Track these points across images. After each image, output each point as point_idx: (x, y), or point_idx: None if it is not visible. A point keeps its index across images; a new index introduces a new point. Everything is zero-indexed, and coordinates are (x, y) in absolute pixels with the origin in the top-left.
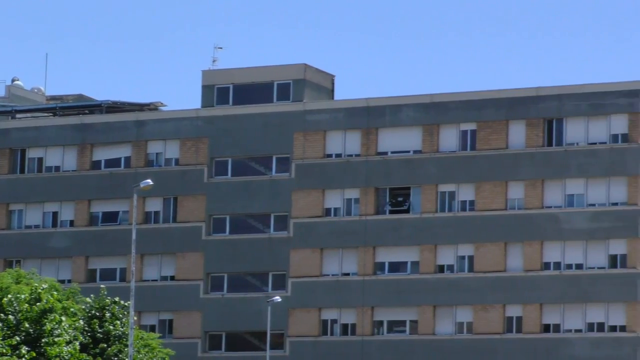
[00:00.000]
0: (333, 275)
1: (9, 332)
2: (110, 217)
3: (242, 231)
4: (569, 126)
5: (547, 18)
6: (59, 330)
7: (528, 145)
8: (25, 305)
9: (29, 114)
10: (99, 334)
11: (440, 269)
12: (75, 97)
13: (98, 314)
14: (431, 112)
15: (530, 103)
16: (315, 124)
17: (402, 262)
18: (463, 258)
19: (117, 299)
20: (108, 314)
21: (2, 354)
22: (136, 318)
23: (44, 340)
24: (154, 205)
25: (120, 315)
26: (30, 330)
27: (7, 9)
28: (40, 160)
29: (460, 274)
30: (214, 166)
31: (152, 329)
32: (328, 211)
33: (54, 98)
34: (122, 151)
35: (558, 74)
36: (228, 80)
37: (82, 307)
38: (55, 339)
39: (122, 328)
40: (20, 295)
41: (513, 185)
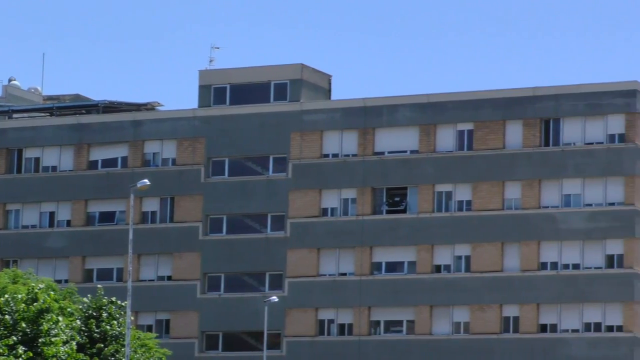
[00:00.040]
0: (330, 275)
1: (6, 332)
2: (107, 217)
3: (239, 231)
4: (566, 126)
5: (544, 18)
6: (56, 330)
7: (525, 145)
8: (22, 305)
9: (25, 114)
10: (96, 334)
11: (437, 269)
12: (72, 97)
13: (95, 314)
14: (428, 112)
15: (527, 103)
16: (312, 124)
17: (399, 262)
18: (460, 258)
19: (114, 299)
20: (105, 314)
21: None
22: (133, 318)
23: (41, 340)
24: (151, 205)
25: (117, 315)
26: (27, 330)
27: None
28: (37, 160)
29: (457, 274)
30: (211, 166)
31: (149, 329)
32: (325, 211)
33: (50, 98)
34: (119, 151)
35: (555, 74)
36: (225, 80)
37: (79, 307)
38: (52, 339)
39: (119, 328)
40: (17, 295)
41: (510, 185)
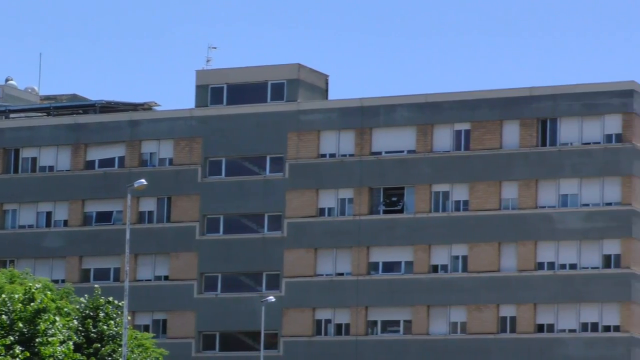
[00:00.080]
0: (327, 275)
1: (3, 332)
2: (104, 217)
3: (236, 231)
4: (562, 126)
5: (541, 18)
6: (53, 330)
7: (522, 145)
8: (19, 305)
9: (22, 114)
10: (92, 334)
11: (434, 268)
12: (69, 97)
13: (92, 313)
14: (425, 112)
15: (524, 103)
16: (309, 124)
17: (396, 262)
18: (457, 258)
19: (111, 298)
20: (102, 314)
21: None
22: (130, 318)
23: (37, 340)
24: (148, 205)
25: (114, 315)
26: (24, 330)
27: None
28: (34, 160)
29: (454, 274)
30: (208, 166)
31: (146, 328)
32: (322, 211)
33: (47, 98)
34: (116, 151)
35: (552, 74)
36: (222, 80)
37: (76, 307)
38: (49, 339)
39: (116, 328)
40: (14, 295)
41: (507, 185)
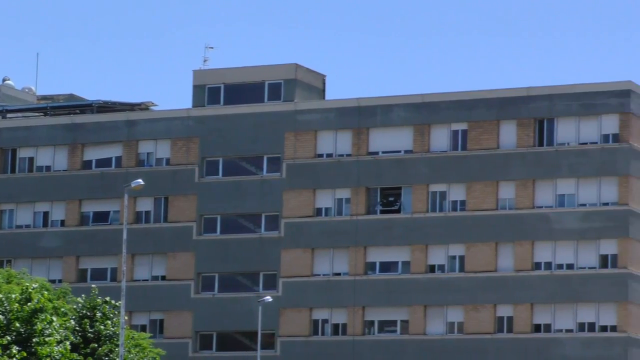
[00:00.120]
0: (324, 275)
1: (0, 332)
2: (101, 217)
3: (233, 231)
4: (559, 126)
5: (539, 18)
6: (50, 330)
7: (519, 145)
8: (16, 305)
9: (19, 114)
10: (89, 334)
11: (431, 268)
12: (66, 97)
13: (89, 313)
14: (422, 112)
15: (521, 103)
16: (306, 124)
17: (393, 262)
18: (454, 258)
19: (108, 298)
20: (99, 314)
21: None
22: (127, 318)
23: (34, 340)
24: (145, 205)
25: (111, 315)
26: (21, 330)
27: None
28: (31, 160)
29: (451, 273)
30: (205, 166)
31: (143, 328)
32: (319, 211)
33: (44, 98)
34: (113, 151)
35: (549, 74)
36: (219, 80)
37: (73, 307)
38: (46, 339)
39: (113, 328)
40: (11, 294)
41: (504, 185)
